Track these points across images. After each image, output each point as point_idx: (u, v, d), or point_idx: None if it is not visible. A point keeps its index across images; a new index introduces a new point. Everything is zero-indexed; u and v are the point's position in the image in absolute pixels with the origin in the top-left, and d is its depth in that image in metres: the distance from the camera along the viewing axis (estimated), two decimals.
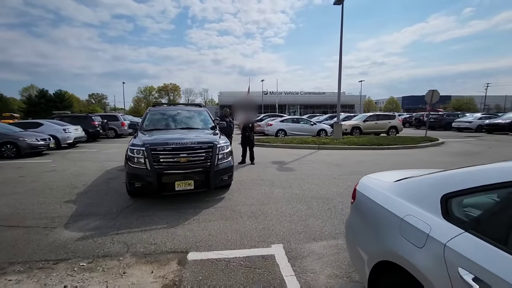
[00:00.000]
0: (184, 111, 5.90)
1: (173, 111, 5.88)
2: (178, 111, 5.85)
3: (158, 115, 5.69)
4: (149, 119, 5.54)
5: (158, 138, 4.47)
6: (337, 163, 7.80)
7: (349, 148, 10.87)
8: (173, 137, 4.53)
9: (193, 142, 4.28)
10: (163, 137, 4.50)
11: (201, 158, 4.26)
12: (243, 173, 6.58)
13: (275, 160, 8.34)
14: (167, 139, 4.32)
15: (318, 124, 16.42)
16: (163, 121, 5.53)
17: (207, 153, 4.29)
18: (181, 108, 6.09)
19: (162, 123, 5.48)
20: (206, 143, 4.35)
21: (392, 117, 16.97)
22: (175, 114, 5.75)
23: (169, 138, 4.39)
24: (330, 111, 52.44)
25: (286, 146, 11.47)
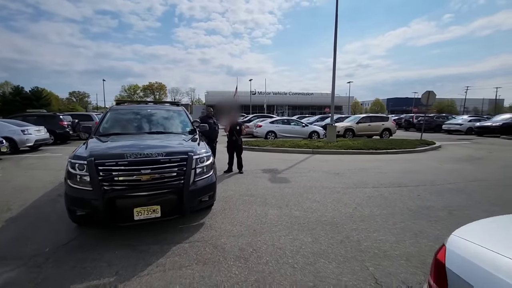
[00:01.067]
0: (156, 111, 4.73)
1: (141, 111, 4.69)
2: (148, 111, 4.68)
3: (121, 116, 4.50)
4: (109, 121, 4.34)
5: (112, 147, 3.32)
6: (337, 171, 6.87)
7: (345, 153, 10.01)
8: (134, 145, 3.40)
9: (161, 152, 3.16)
10: (119, 146, 3.35)
11: (171, 175, 3.15)
12: (229, 185, 5.49)
13: (267, 167, 7.31)
14: (123, 149, 3.18)
15: (310, 126, 15.56)
16: (127, 123, 4.35)
17: (180, 168, 3.19)
18: (152, 107, 4.91)
19: (126, 125, 4.30)
20: (178, 153, 3.25)
21: (386, 119, 16.39)
22: (144, 115, 4.57)
23: (127, 147, 3.25)
24: (318, 112, 52.18)
25: (278, 150, 10.47)
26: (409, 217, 3.85)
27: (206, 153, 3.58)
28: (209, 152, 3.66)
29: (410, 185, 5.55)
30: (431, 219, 3.78)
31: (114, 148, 3.26)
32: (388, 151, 10.19)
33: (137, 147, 3.27)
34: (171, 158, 3.14)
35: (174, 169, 3.17)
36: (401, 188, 5.28)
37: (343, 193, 4.95)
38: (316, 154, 9.93)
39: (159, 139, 3.86)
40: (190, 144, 3.68)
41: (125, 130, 4.17)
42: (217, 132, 6.11)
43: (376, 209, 4.17)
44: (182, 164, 3.19)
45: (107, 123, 4.29)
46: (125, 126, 4.27)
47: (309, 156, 9.36)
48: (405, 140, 13.04)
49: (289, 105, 54.59)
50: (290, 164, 7.87)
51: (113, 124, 4.29)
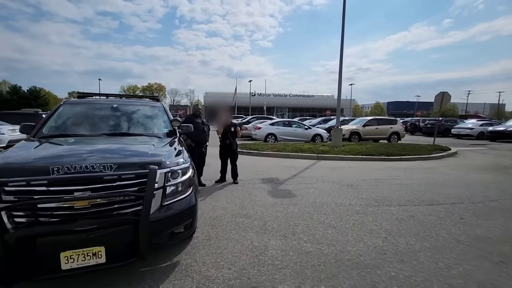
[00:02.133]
0: (125, 107, 3.65)
1: (105, 106, 3.61)
2: (114, 106, 3.61)
3: (75, 112, 3.42)
4: (58, 118, 3.27)
5: (39, 156, 2.24)
6: (349, 181, 5.81)
7: (354, 159, 8.95)
8: (74, 152, 2.36)
9: (109, 165, 2.10)
10: (49, 154, 2.28)
11: (122, 199, 2.10)
12: (220, 200, 4.42)
13: (266, 176, 6.24)
14: (52, 160, 2.11)
15: (313, 128, 14.51)
16: (82, 122, 3.26)
17: (138, 187, 2.14)
18: (120, 102, 3.84)
19: (79, 125, 3.21)
20: (135, 166, 2.20)
21: (394, 122, 15.36)
22: (107, 111, 3.49)
23: (58, 157, 2.19)
24: (319, 114, 51.27)
25: (278, 154, 9.41)
26: (462, 254, 2.79)
27: (183, 164, 2.52)
28: (186, 163, 2.60)
29: (445, 202, 4.49)
30: (494, 258, 2.72)
31: (40, 157, 2.20)
32: (402, 157, 9.14)
33: (76, 156, 2.21)
34: (122, 174, 2.08)
35: (129, 189, 2.11)
36: (435, 208, 4.22)
37: (364, 214, 3.88)
38: (322, 160, 8.87)
39: (119, 143, 2.79)
40: (161, 151, 2.62)
41: (77, 131, 3.09)
42: (206, 134, 5.06)
43: (413, 239, 3.11)
44: (141, 182, 2.14)
45: (55, 121, 3.21)
46: (78, 126, 3.19)
47: (314, 163, 8.30)
48: (418, 145, 11.99)
49: (289, 107, 53.65)
50: (294, 172, 6.81)
51: (62, 123, 3.21)
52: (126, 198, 2.10)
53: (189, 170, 2.60)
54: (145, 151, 2.49)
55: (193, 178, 2.70)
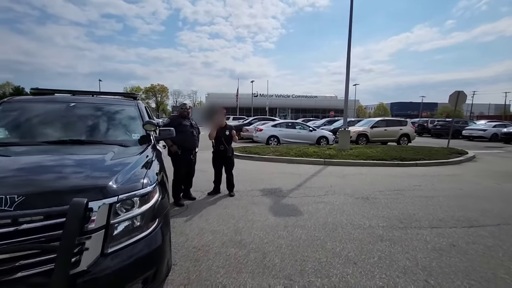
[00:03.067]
0: (83, 107, 2.86)
1: (56, 106, 2.82)
2: (69, 106, 2.82)
3: (14, 113, 2.64)
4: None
5: None
6: (364, 193, 4.99)
7: (364, 164, 8.12)
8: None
9: (9, 196, 1.33)
10: None
11: (26, 254, 1.32)
12: (209, 221, 3.63)
13: (267, 186, 5.44)
14: None
15: (318, 130, 13.67)
16: (20, 126, 2.48)
17: (53, 232, 1.36)
18: (79, 101, 3.01)
19: (15, 130, 2.44)
20: (51, 197, 1.42)
21: (404, 123, 14.47)
22: (59, 112, 2.69)
23: None
24: (322, 115, 50.44)
25: (281, 159, 8.60)
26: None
27: (145, 188, 1.74)
28: (151, 184, 1.81)
29: (486, 223, 3.65)
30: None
31: None
32: (417, 162, 8.29)
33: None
34: (19, 215, 1.30)
35: (34, 237, 1.33)
36: (477, 231, 3.39)
37: (390, 241, 3.06)
38: (329, 165, 8.05)
39: (56, 157, 2.01)
40: (115, 167, 1.83)
41: (6, 139, 2.31)
42: (195, 138, 4.26)
43: (464, 284, 2.29)
44: (56, 225, 1.36)
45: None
46: (12, 131, 2.42)
47: (321, 169, 7.48)
48: (432, 148, 11.11)
49: (292, 108, 52.85)
50: (299, 180, 6.00)
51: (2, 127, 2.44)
52: (37, 251, 1.31)
53: (153, 195, 1.81)
54: (85, 170, 1.70)
55: (161, 204, 1.91)
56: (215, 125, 4.54)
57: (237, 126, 17.82)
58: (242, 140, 15.75)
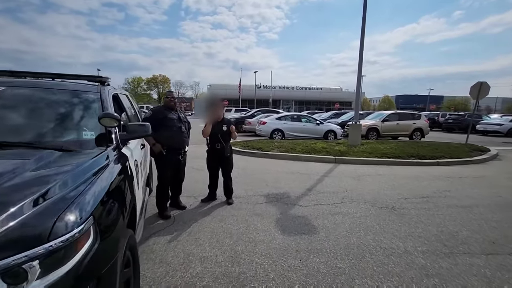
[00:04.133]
0: (16, 93, 2.02)
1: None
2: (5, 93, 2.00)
3: None
4: None
5: None
6: (387, 201, 4.20)
7: (379, 162, 7.30)
8: None
9: None
10: None
11: None
12: (199, 241, 2.86)
13: (272, 190, 4.66)
14: None
15: (325, 124, 12.78)
16: None
17: None
18: (11, 83, 2.14)
19: None
20: None
21: (418, 116, 13.51)
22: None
23: None
24: (327, 108, 49.33)
25: (287, 156, 7.79)
26: None
27: (63, 236, 0.96)
28: (78, 224, 1.03)
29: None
30: None
31: None
32: (438, 161, 7.45)
33: None
34: None
35: None
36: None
37: (440, 277, 2.28)
38: (340, 163, 7.24)
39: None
40: (16, 191, 1.05)
41: None
42: (184, 135, 3.44)
43: None
44: None
45: None
46: None
47: (332, 167, 6.68)
48: (450, 144, 10.23)
49: (296, 100, 51.73)
50: (308, 182, 5.21)
51: None
52: None
53: (81, 244, 1.03)
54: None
55: (101, 255, 1.12)
56: (211, 119, 3.72)
57: (239, 118, 16.98)
58: (244, 134, 14.94)
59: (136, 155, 2.51)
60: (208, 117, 3.75)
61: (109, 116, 1.91)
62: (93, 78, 2.75)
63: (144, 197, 3.22)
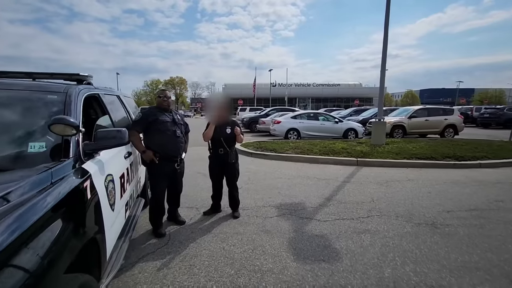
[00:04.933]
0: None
1: None
2: None
3: None
4: None
5: None
6: (427, 215, 3.48)
7: (409, 165, 6.46)
8: None
9: None
10: None
11: None
12: (194, 269, 2.33)
13: (285, 199, 4.07)
14: None
15: (345, 121, 11.91)
16: None
17: None
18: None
19: None
20: None
21: (449, 111, 12.26)
22: None
23: None
24: (345, 105, 47.68)
25: (303, 158, 7.15)
26: None
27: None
28: None
29: None
30: None
31: None
32: (480, 162, 6.48)
33: None
34: None
35: None
36: None
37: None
38: (363, 166, 6.49)
39: None
40: None
41: None
42: (181, 140, 2.93)
43: None
44: None
45: None
46: None
47: (354, 171, 5.96)
48: (491, 142, 9.08)
49: (313, 98, 50.38)
50: (327, 189, 4.57)
51: None
52: None
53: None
54: None
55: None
56: (215, 120, 3.20)
57: (253, 117, 16.46)
58: (258, 134, 14.41)
59: (113, 168, 2.03)
60: (213, 117, 3.24)
61: (62, 122, 1.44)
62: (69, 76, 2.32)
63: (135, 212, 2.76)
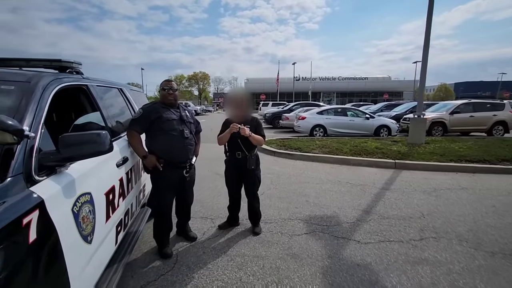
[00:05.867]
0: None
1: None
2: None
3: None
4: None
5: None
6: (497, 239, 2.71)
7: (456, 168, 5.52)
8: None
9: None
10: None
11: None
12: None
13: (315, 210, 3.47)
14: None
15: (377, 118, 10.88)
16: None
17: None
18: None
19: None
20: None
21: (499, 106, 10.77)
22: None
23: None
24: (372, 99, 45.31)
25: (332, 159, 6.44)
26: None
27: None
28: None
29: None
30: None
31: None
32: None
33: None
34: None
35: None
36: None
37: None
38: (403, 169, 5.66)
39: None
40: None
41: None
42: (189, 141, 2.38)
43: None
44: None
45: None
46: None
47: (393, 175, 5.17)
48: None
49: (338, 92, 48.36)
50: (364, 198, 3.88)
51: None
52: None
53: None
54: None
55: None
56: (234, 118, 2.66)
57: (276, 113, 15.79)
58: (281, 130, 13.76)
59: (93, 183, 1.53)
60: (233, 114, 2.71)
61: (1, 123, 0.97)
62: (49, 62, 1.89)
63: (136, 227, 2.32)
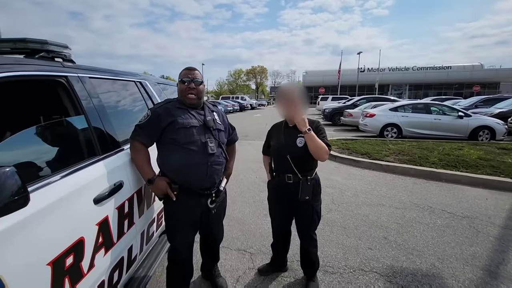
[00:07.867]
0: None
1: None
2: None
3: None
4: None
5: None
6: None
7: None
8: None
9: None
10: None
11: None
12: None
13: (399, 260, 2.35)
14: None
15: (474, 116, 8.44)
16: None
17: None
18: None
19: None
20: None
21: None
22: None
23: None
24: (455, 92, 38.26)
25: (415, 171, 4.94)
26: None
27: None
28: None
29: None
30: None
31: None
32: None
33: None
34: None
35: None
36: None
37: None
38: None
39: None
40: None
41: None
42: (215, 158, 1.58)
43: None
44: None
45: None
46: None
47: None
48: None
49: (411, 84, 42.14)
50: (479, 244, 2.55)
51: None
52: None
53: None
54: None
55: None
56: (286, 117, 1.81)
57: (336, 108, 14.15)
58: (343, 128, 12.17)
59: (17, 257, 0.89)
60: (283, 114, 1.85)
61: None
62: (13, 43, 1.32)
63: (145, 272, 1.69)
